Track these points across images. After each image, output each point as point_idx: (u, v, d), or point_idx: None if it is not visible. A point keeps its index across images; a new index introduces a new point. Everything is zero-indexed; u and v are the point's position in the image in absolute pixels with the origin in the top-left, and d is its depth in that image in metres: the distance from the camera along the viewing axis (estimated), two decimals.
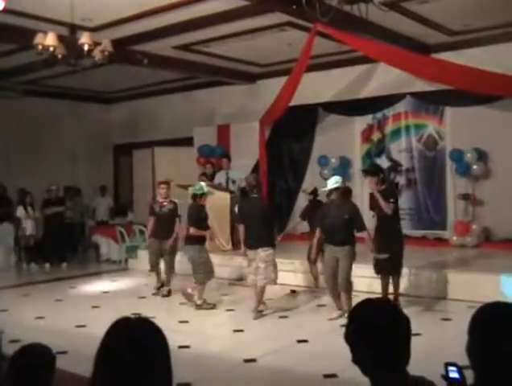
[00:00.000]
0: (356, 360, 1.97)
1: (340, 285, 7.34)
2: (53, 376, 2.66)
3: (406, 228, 11.80)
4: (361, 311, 2.02)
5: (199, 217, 8.22)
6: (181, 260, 9.14)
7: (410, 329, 1.98)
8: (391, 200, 7.52)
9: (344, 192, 7.60)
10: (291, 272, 9.36)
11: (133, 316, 1.83)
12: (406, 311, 2.08)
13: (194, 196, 8.30)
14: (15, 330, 6.34)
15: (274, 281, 7.51)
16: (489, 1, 8.49)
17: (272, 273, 7.42)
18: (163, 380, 1.73)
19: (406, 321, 1.99)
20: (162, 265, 9.43)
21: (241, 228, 7.68)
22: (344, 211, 7.31)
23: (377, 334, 1.93)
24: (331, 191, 7.45)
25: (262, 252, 7.32)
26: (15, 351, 2.67)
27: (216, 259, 9.05)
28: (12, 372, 2.58)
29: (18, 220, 12.60)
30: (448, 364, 1.91)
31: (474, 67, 9.43)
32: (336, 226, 7.26)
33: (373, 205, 7.84)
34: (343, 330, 2.02)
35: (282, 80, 11.21)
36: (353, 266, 7.51)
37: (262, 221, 7.38)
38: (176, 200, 9.42)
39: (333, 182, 7.39)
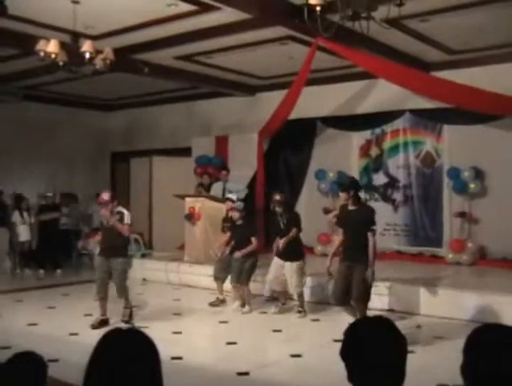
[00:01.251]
0: (351, 378, 1.96)
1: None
2: (45, 385, 2.64)
3: (402, 245, 11.87)
4: (357, 329, 2.01)
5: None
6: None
7: (406, 348, 1.98)
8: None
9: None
10: None
11: (124, 327, 1.83)
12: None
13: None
14: (7, 336, 6.32)
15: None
16: (489, 21, 8.56)
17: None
18: None
19: (402, 339, 1.98)
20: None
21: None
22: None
23: (373, 352, 1.92)
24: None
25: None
26: (7, 359, 2.66)
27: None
28: (3, 380, 2.56)
29: (14, 225, 12.56)
30: None
31: (473, 86, 9.49)
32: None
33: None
34: (337, 344, 2.02)
35: (281, 93, 11.27)
36: None
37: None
38: (123, 209, 8.06)
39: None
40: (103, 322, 7.60)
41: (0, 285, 11.17)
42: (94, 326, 7.49)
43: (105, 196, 7.88)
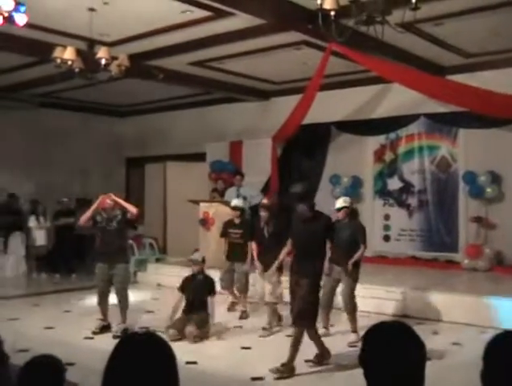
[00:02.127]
0: (369, 384, 1.95)
1: (345, 306, 7.37)
2: None
3: (417, 250, 11.80)
4: (375, 334, 2.00)
5: None
6: None
7: (425, 354, 1.95)
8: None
9: (352, 212, 7.60)
10: None
11: (141, 331, 1.83)
12: None
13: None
14: (25, 339, 6.37)
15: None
16: (504, 24, 8.51)
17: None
18: None
19: (420, 345, 1.96)
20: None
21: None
22: (349, 229, 7.34)
23: (392, 358, 1.90)
24: (339, 210, 7.45)
25: None
26: (26, 362, 2.68)
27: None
28: (22, 383, 2.59)
29: (30, 230, 12.69)
30: None
31: (489, 89, 9.43)
32: (340, 245, 7.23)
33: None
34: (351, 351, 2.01)
35: (295, 98, 11.28)
36: (360, 286, 7.53)
37: None
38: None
39: (342, 201, 7.48)
40: (104, 328, 7.62)
41: (17, 289, 11.34)
42: (95, 332, 7.51)
43: (108, 200, 7.75)
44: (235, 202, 9.06)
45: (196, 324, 7.16)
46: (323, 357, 6.24)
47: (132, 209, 7.64)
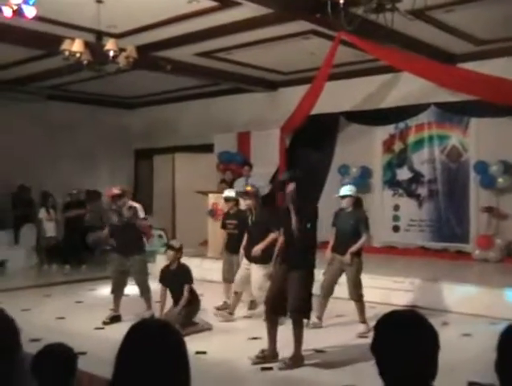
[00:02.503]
0: (381, 373, 1.94)
1: (351, 295, 7.31)
2: (75, 375, 2.70)
3: (427, 240, 11.75)
4: (386, 323, 1.99)
5: None
6: None
7: (437, 342, 1.95)
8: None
9: (357, 201, 7.50)
10: None
11: (152, 318, 1.84)
12: None
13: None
14: (36, 329, 6.41)
15: None
16: None
17: None
18: (181, 383, 1.73)
19: (433, 333, 1.96)
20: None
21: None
22: (352, 218, 7.29)
23: (404, 346, 1.90)
24: (343, 198, 7.38)
25: None
26: (39, 350, 2.71)
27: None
28: (35, 370, 2.62)
29: (40, 222, 12.79)
30: (471, 384, 1.86)
31: (500, 77, 9.33)
32: (343, 234, 7.23)
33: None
34: (362, 341, 2.01)
35: (303, 88, 11.24)
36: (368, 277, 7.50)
37: None
38: (134, 203, 8.00)
39: (347, 189, 7.40)
40: (115, 319, 7.65)
41: (29, 279, 11.49)
42: (106, 322, 7.55)
43: (115, 190, 7.83)
44: (226, 193, 8.85)
45: (181, 322, 6.63)
46: (273, 357, 5.99)
47: (147, 231, 7.78)
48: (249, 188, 7.93)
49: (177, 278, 7.33)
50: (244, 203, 7.97)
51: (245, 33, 9.40)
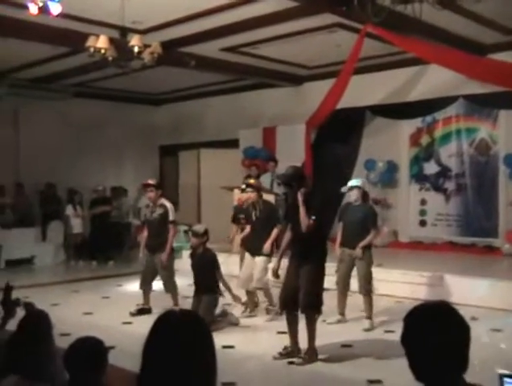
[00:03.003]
0: (411, 365, 1.91)
1: (360, 289, 7.25)
2: (106, 367, 2.73)
3: (455, 235, 11.61)
4: (417, 314, 1.96)
5: None
6: None
7: (468, 335, 1.91)
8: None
9: (364, 195, 7.41)
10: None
11: (179, 309, 1.83)
12: None
13: None
14: (65, 324, 6.46)
15: None
16: None
17: None
18: (208, 375, 1.71)
19: (463, 325, 1.92)
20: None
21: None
22: (361, 212, 7.23)
23: (435, 338, 1.86)
24: (351, 189, 7.31)
25: None
26: (71, 343, 2.75)
27: None
28: (68, 363, 2.66)
29: (67, 218, 12.93)
30: (503, 376, 1.83)
31: None
32: (351, 228, 7.17)
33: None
34: (388, 336, 1.98)
35: (329, 83, 11.16)
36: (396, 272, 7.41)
37: None
38: (167, 204, 8.07)
39: (355, 181, 7.39)
40: (143, 311, 7.76)
41: (57, 275, 11.66)
42: (133, 314, 7.70)
43: (151, 180, 8.18)
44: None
45: (203, 313, 6.65)
46: (299, 352, 5.96)
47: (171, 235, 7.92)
48: (252, 181, 7.80)
49: (202, 263, 7.27)
50: (246, 197, 7.79)
51: (270, 27, 9.36)
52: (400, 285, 8.71)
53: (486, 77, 9.88)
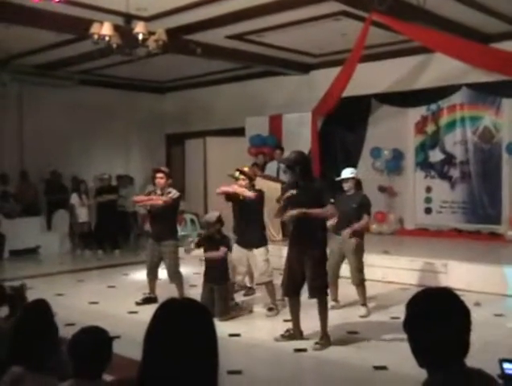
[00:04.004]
0: (413, 350, 1.94)
1: (353, 279, 7.24)
2: (111, 356, 2.73)
3: (460, 222, 11.64)
4: (419, 300, 1.99)
5: None
6: None
7: (469, 320, 1.95)
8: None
9: (357, 183, 7.38)
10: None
11: (180, 297, 1.83)
12: None
13: None
14: (71, 313, 6.50)
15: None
16: None
17: None
18: (210, 363, 1.72)
19: (465, 311, 1.95)
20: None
21: None
22: (354, 201, 7.18)
23: (437, 323, 1.90)
24: (345, 180, 7.27)
25: None
26: (75, 333, 2.75)
27: None
28: (72, 353, 2.66)
29: (73, 207, 12.89)
30: (503, 360, 1.84)
31: None
32: (345, 217, 7.08)
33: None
34: (394, 321, 2.00)
35: (335, 71, 11.13)
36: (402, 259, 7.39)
37: None
38: (173, 190, 7.97)
39: (349, 172, 7.30)
40: (148, 300, 7.73)
41: (63, 265, 11.60)
42: (138, 303, 7.69)
43: (163, 168, 8.12)
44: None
45: (219, 313, 6.77)
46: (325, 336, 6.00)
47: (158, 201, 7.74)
48: (246, 168, 7.64)
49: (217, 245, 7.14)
50: (238, 185, 7.45)
51: (276, 15, 9.33)
52: (406, 272, 8.74)
53: (490, 66, 9.88)
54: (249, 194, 7.17)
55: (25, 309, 3.04)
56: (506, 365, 1.82)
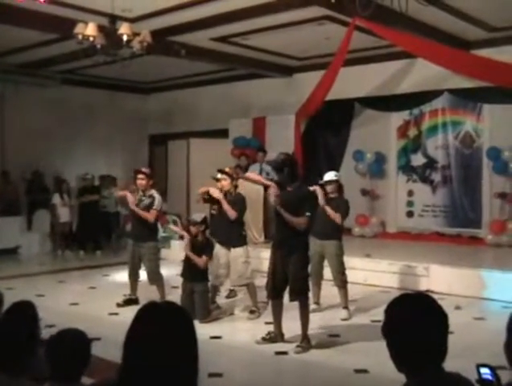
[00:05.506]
0: (392, 355, 1.96)
1: (335, 281, 7.29)
2: (89, 360, 2.70)
3: (441, 226, 11.74)
4: (397, 305, 2.02)
5: None
6: None
7: (447, 325, 1.97)
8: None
9: (339, 187, 7.37)
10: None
11: (161, 301, 1.83)
12: None
13: None
14: (51, 315, 6.45)
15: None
16: None
17: None
18: (189, 366, 1.72)
19: (442, 315, 1.98)
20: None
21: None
22: (334, 204, 7.17)
23: (414, 329, 1.92)
24: (328, 183, 7.26)
25: None
26: (52, 335, 2.72)
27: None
28: (49, 356, 2.63)
29: (54, 207, 12.77)
30: (479, 366, 1.88)
31: None
32: (326, 219, 7.08)
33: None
34: (375, 325, 2.03)
35: (319, 74, 11.19)
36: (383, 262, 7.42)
37: None
38: (156, 194, 7.87)
39: (332, 174, 7.33)
40: (129, 301, 7.70)
41: (43, 265, 11.48)
42: (119, 305, 7.65)
43: (144, 168, 8.02)
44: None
45: (200, 315, 6.83)
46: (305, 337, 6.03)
47: (149, 218, 7.68)
48: (227, 169, 7.59)
49: (201, 251, 7.13)
50: (219, 185, 7.42)
51: (260, 18, 9.35)
52: (387, 275, 8.80)
53: (471, 72, 10.02)
54: (231, 212, 7.10)
55: (9, 311, 2.91)
56: (483, 370, 1.85)
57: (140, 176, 7.80)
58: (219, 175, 7.55)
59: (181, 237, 7.35)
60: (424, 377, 1.91)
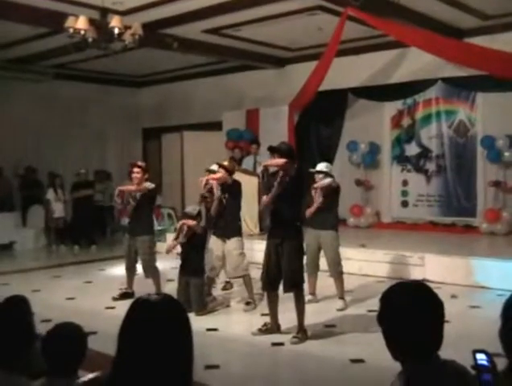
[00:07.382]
0: (388, 343, 1.97)
1: (331, 272, 7.31)
2: (85, 354, 2.70)
3: (436, 215, 11.77)
4: (392, 294, 2.02)
5: None
6: None
7: (443, 313, 1.98)
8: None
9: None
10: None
11: (155, 294, 1.82)
12: None
13: None
14: (47, 309, 6.45)
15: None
16: None
17: None
18: (183, 358, 1.72)
19: (437, 303, 1.99)
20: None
21: None
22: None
23: (410, 316, 1.93)
24: (319, 172, 7.25)
25: None
26: (48, 330, 2.71)
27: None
28: (46, 350, 2.62)
29: (48, 203, 12.75)
30: (476, 351, 1.88)
31: (508, 52, 9.25)
32: (321, 210, 7.09)
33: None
34: (371, 315, 2.03)
35: (311, 65, 11.17)
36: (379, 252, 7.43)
37: None
38: (152, 186, 7.89)
39: (324, 166, 7.32)
40: (125, 295, 7.67)
41: (38, 261, 11.50)
42: (115, 298, 7.64)
43: (140, 162, 8.08)
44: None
45: (196, 308, 6.84)
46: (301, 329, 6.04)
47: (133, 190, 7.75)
48: (226, 163, 7.54)
49: (194, 244, 7.14)
50: (215, 177, 7.36)
51: (252, 9, 9.32)
52: (383, 265, 8.82)
53: (465, 61, 10.01)
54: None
55: (1, 306, 2.88)
56: (479, 356, 1.85)
57: (136, 169, 7.80)
58: (215, 168, 7.53)
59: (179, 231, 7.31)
60: (420, 365, 1.91)
